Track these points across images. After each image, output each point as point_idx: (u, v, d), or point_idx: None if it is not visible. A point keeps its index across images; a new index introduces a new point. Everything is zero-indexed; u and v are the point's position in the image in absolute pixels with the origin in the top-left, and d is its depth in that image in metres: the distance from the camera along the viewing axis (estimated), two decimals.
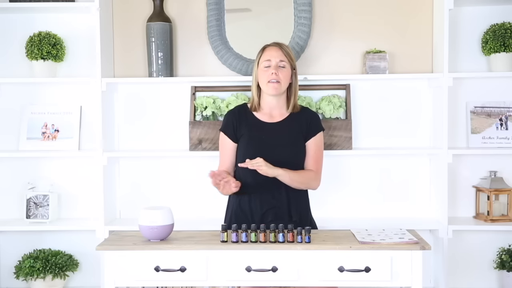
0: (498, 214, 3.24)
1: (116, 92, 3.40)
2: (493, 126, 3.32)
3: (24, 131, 3.39)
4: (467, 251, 3.36)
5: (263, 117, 2.78)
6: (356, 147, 3.34)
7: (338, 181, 3.35)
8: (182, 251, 2.36)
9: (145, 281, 2.36)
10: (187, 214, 3.36)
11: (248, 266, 2.33)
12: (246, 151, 2.71)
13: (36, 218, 3.29)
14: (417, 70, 3.34)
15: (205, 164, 3.33)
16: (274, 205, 2.68)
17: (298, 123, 2.77)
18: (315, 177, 2.75)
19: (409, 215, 3.38)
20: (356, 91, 3.36)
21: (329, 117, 3.23)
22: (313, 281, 2.34)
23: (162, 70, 3.26)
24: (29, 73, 3.36)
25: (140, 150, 3.40)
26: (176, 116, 3.39)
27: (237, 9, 3.34)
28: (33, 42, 3.25)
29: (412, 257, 2.32)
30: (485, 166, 3.35)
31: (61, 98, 3.42)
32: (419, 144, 3.37)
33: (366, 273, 2.31)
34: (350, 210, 3.39)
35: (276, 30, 3.30)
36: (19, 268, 3.24)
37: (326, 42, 3.36)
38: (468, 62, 3.35)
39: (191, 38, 3.39)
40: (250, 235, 2.36)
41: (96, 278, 3.36)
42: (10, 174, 3.43)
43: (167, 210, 2.42)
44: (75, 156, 3.38)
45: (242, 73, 3.27)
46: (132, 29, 3.40)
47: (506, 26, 3.19)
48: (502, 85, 3.35)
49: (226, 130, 2.78)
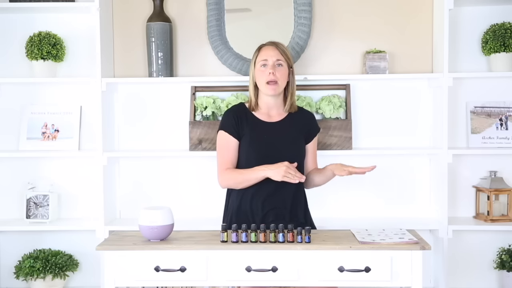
0: (498, 214, 3.24)
1: (116, 92, 3.40)
2: (493, 126, 3.32)
3: (24, 131, 3.39)
4: (467, 251, 3.36)
5: (262, 116, 2.77)
6: (356, 147, 3.34)
7: (338, 181, 3.34)
8: (182, 251, 2.35)
9: (145, 281, 2.36)
10: (187, 214, 3.36)
11: (248, 266, 2.33)
12: (248, 151, 2.71)
13: (36, 218, 3.29)
14: (417, 70, 3.34)
15: (205, 164, 3.34)
16: (275, 205, 2.68)
17: (297, 124, 2.77)
18: None
19: (409, 215, 3.38)
20: (356, 91, 3.36)
21: (329, 117, 3.23)
22: (313, 281, 2.34)
23: (162, 70, 3.26)
24: (29, 73, 3.36)
25: (140, 150, 3.40)
26: (176, 116, 3.39)
27: (237, 9, 3.34)
28: (33, 42, 3.25)
29: (412, 257, 2.32)
30: (485, 166, 3.35)
31: (61, 98, 3.42)
32: (419, 144, 3.37)
33: (366, 273, 2.31)
34: (350, 210, 3.39)
35: (276, 30, 3.30)
36: (19, 268, 3.24)
37: (326, 42, 3.36)
38: (468, 62, 3.35)
39: (191, 38, 3.39)
40: (250, 235, 2.36)
41: (96, 278, 3.37)
42: (10, 174, 3.43)
43: (167, 210, 2.42)
44: (75, 156, 3.38)
45: (242, 73, 3.27)
46: (132, 29, 3.40)
47: (506, 26, 3.19)
48: (502, 85, 3.35)
49: (228, 128, 2.74)
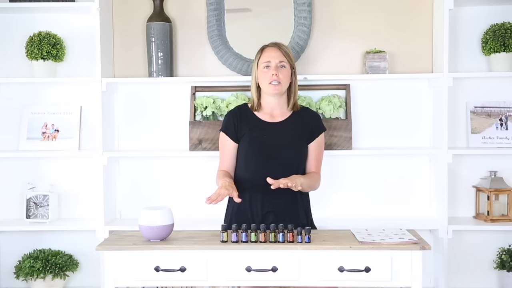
0: (498, 214, 3.24)
1: (116, 92, 3.40)
2: (493, 126, 3.32)
3: (24, 131, 3.39)
4: (467, 251, 3.36)
5: (264, 116, 2.77)
6: (356, 147, 3.34)
7: (338, 181, 3.35)
8: (182, 251, 2.35)
9: (145, 281, 2.36)
10: (187, 214, 3.36)
11: (248, 266, 2.33)
12: (247, 151, 2.71)
13: (36, 218, 3.29)
14: (417, 70, 3.34)
15: (205, 164, 3.34)
16: (274, 207, 2.68)
17: (300, 123, 2.76)
18: (319, 179, 2.78)
19: (409, 215, 3.38)
20: (356, 91, 3.36)
21: (329, 117, 3.23)
22: (313, 281, 2.34)
23: (162, 70, 3.26)
24: (29, 73, 3.36)
25: (140, 150, 3.40)
26: (176, 116, 3.39)
27: (237, 9, 3.34)
28: (33, 42, 3.25)
29: (412, 257, 2.32)
30: (485, 166, 3.35)
31: (61, 98, 3.42)
32: (419, 144, 3.37)
33: (366, 273, 2.31)
34: (350, 210, 3.38)
35: (276, 30, 3.30)
36: (19, 268, 3.24)
37: (326, 42, 3.36)
38: (468, 62, 3.34)
39: (191, 38, 3.39)
40: (250, 235, 2.36)
41: (96, 278, 3.36)
42: (10, 174, 3.43)
43: (167, 210, 2.42)
44: (75, 156, 3.38)
45: (242, 73, 3.27)
46: (132, 29, 3.40)
47: (506, 26, 3.19)
48: (502, 85, 3.34)
49: (227, 130, 2.77)
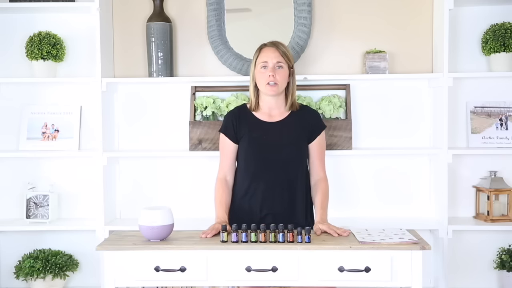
0: (498, 214, 3.24)
1: (116, 92, 3.40)
2: (493, 126, 3.32)
3: (24, 131, 3.39)
4: (467, 251, 3.36)
5: (263, 116, 2.76)
6: (356, 147, 3.34)
7: (338, 181, 3.35)
8: (182, 251, 2.36)
9: (145, 281, 2.36)
10: (187, 214, 3.36)
11: (248, 266, 2.33)
12: (247, 151, 2.71)
13: (36, 218, 3.29)
14: (417, 70, 3.34)
15: (205, 164, 3.34)
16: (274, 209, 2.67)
17: (299, 122, 2.75)
18: (327, 186, 2.74)
19: (409, 215, 3.38)
20: (356, 91, 3.36)
21: (329, 117, 3.23)
22: (313, 281, 2.34)
23: (162, 70, 3.26)
24: (29, 73, 3.37)
25: (140, 150, 3.40)
26: (176, 116, 3.39)
27: (237, 9, 3.34)
28: (33, 42, 3.25)
29: (412, 257, 2.32)
30: (485, 166, 3.35)
31: (61, 98, 3.42)
32: (419, 144, 3.37)
33: (366, 273, 2.31)
34: (350, 210, 3.39)
35: (276, 30, 3.30)
36: (19, 268, 3.23)
37: (326, 42, 3.36)
38: (468, 62, 3.34)
39: (191, 38, 3.39)
40: (250, 235, 2.36)
41: (96, 278, 3.36)
42: (10, 174, 3.43)
43: (167, 210, 2.42)
44: (75, 156, 3.38)
45: (242, 73, 3.27)
46: (132, 29, 3.40)
47: (506, 26, 3.19)
48: (502, 85, 3.35)
49: (226, 131, 2.77)
